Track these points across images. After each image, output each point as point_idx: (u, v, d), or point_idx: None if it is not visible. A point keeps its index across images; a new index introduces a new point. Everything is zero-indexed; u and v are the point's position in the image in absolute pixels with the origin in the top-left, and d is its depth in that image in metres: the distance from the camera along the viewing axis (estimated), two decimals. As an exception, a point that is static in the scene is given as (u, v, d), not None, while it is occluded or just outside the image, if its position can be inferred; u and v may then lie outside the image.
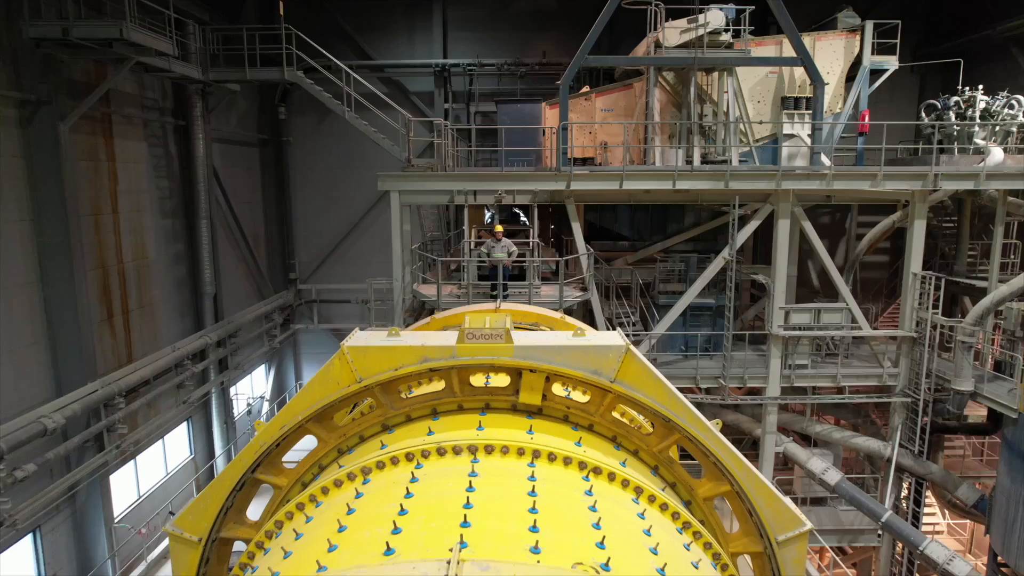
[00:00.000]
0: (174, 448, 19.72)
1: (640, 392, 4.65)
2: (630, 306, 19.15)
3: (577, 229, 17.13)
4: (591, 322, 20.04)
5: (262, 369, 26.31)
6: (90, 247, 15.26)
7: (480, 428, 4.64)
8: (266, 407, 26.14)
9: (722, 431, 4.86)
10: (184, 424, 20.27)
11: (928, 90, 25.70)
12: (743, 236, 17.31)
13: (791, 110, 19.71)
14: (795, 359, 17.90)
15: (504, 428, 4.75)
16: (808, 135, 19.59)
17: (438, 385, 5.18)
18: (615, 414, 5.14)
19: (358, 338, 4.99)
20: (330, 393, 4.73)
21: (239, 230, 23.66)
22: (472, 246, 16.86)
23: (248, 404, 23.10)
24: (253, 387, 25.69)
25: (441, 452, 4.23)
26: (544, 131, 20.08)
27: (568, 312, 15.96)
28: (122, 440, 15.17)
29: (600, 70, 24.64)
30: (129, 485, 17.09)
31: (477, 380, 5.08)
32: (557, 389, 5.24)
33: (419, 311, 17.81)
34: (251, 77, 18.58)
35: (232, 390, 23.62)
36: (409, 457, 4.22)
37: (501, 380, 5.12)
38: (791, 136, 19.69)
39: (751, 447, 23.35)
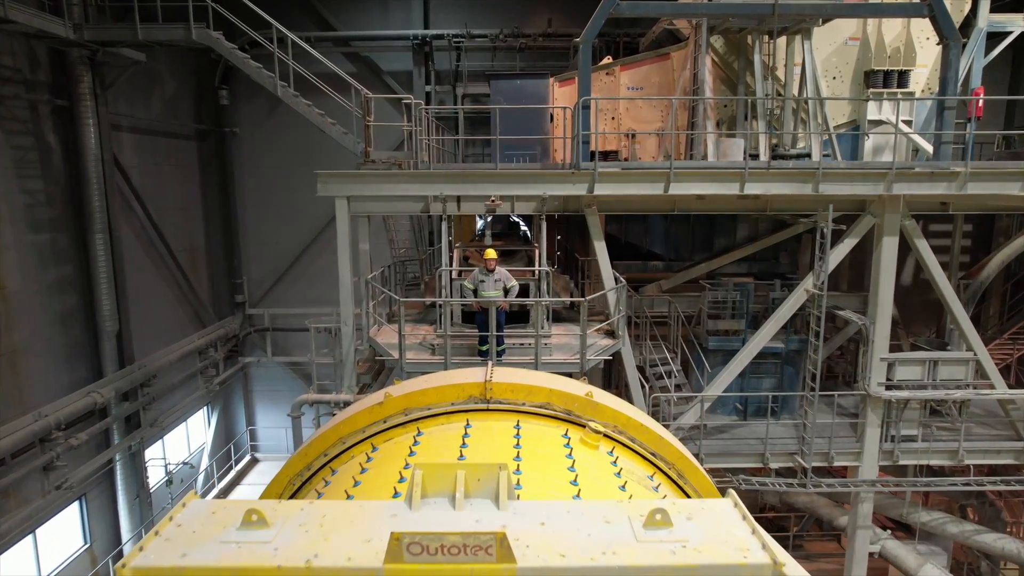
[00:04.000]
0: (59, 539, 14.70)
1: None
2: (668, 349, 14.22)
3: (602, 250, 12.15)
4: (612, 384, 15.10)
5: (200, 415, 21.27)
6: None
7: None
8: (205, 461, 21.11)
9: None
10: (75, 505, 15.25)
11: (1026, 65, 20.83)
12: (835, 259, 12.35)
13: (879, 88, 14.80)
14: (900, 428, 12.98)
15: None
16: (905, 120, 14.72)
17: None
18: None
19: (159, 547, 2.49)
20: None
21: (164, 244, 18.63)
22: (453, 276, 11.87)
23: (168, 472, 18.04)
24: (189, 439, 20.66)
25: None
26: (552, 115, 15.09)
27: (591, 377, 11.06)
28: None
29: (620, 42, 19.73)
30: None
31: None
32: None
33: (379, 366, 12.84)
34: (145, 37, 13.46)
35: (159, 445, 18.64)
36: None
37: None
38: (879, 122, 14.81)
39: (813, 524, 18.44)
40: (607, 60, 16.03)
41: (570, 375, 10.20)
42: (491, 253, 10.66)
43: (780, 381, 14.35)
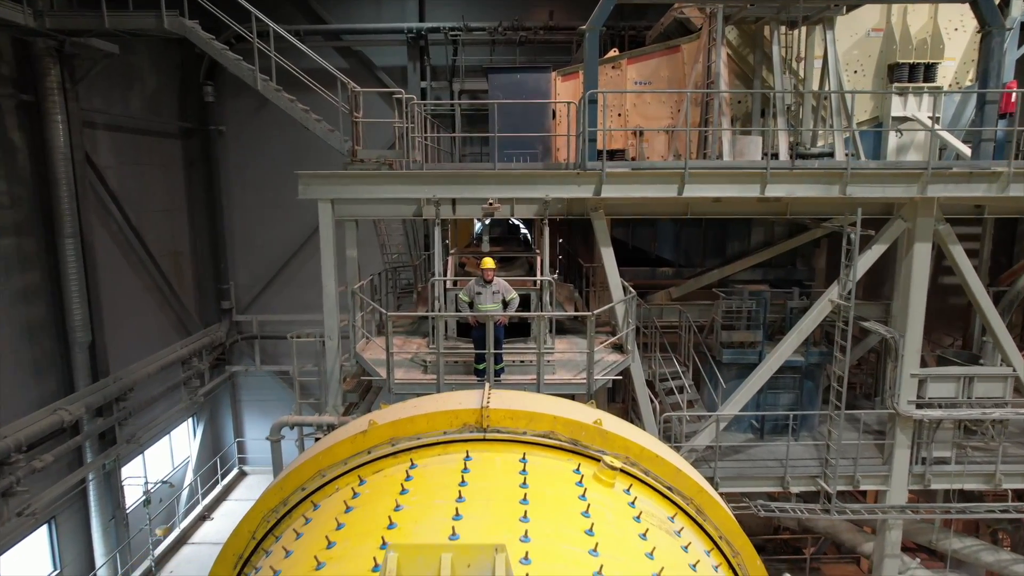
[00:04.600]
0: (24, 566, 13.71)
1: None
2: (679, 362, 13.22)
3: (609, 258, 11.17)
4: (618, 399, 14.11)
5: (184, 428, 20.27)
6: None
7: None
8: (189, 476, 20.12)
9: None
10: (44, 529, 14.26)
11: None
12: (862, 267, 11.38)
13: (904, 82, 13.83)
14: (932, 449, 12.00)
15: None
16: (930, 116, 13.75)
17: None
18: None
19: None
20: None
21: (144, 248, 17.63)
22: (447, 286, 10.88)
23: (146, 491, 17.00)
24: (173, 453, 19.65)
25: None
26: (555, 111, 14.11)
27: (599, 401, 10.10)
28: None
29: (625, 36, 18.78)
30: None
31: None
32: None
33: (368, 382, 11.85)
34: (113, 26, 12.46)
35: (138, 461, 17.65)
36: None
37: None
38: (903, 119, 13.85)
39: (830, 545, 17.42)
40: (613, 53, 15.06)
41: (572, 397, 9.25)
42: (489, 263, 9.67)
43: (799, 397, 13.37)
